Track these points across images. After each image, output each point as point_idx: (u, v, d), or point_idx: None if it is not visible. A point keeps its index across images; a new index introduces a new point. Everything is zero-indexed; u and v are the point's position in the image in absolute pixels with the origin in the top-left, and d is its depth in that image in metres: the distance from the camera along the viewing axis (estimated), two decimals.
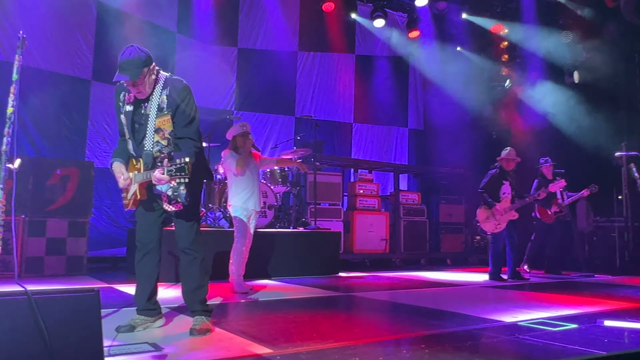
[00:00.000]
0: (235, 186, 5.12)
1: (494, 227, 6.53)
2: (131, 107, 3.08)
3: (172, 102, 3.03)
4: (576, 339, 3.05)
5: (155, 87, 3.06)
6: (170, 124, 3.03)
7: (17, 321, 1.75)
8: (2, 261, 5.76)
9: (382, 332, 3.24)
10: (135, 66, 2.92)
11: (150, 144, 3.03)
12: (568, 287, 6.01)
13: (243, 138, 5.13)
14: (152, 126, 3.02)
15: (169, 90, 3.06)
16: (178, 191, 3.04)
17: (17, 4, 7.43)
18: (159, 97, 3.04)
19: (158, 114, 3.03)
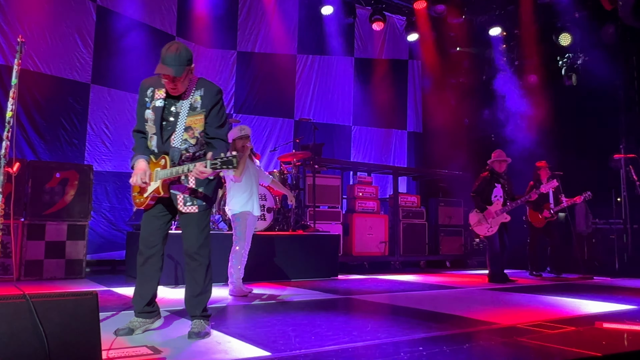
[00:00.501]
0: (234, 190, 5.11)
1: (486, 231, 6.62)
2: (162, 103, 3.08)
3: (207, 103, 3.07)
4: (575, 341, 3.06)
5: (188, 87, 3.09)
6: (202, 123, 3.07)
7: (15, 324, 1.76)
8: (2, 264, 5.77)
9: (381, 334, 3.24)
10: (180, 63, 2.94)
11: (179, 141, 3.05)
12: (567, 289, 6.02)
13: (242, 142, 5.12)
14: (182, 124, 3.04)
15: (203, 92, 3.10)
16: (196, 193, 3.10)
17: (16, 7, 7.44)
18: (192, 97, 3.08)
19: (190, 113, 3.06)
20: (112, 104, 8.40)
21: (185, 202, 3.11)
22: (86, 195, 6.50)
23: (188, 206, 3.11)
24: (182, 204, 3.12)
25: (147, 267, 3.22)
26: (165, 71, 2.92)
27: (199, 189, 3.12)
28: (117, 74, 8.33)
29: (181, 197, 3.11)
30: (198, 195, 3.12)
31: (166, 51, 2.95)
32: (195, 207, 3.12)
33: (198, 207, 3.13)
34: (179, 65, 2.93)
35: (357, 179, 9.19)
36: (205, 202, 3.15)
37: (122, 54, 8.37)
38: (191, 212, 3.13)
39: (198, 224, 3.17)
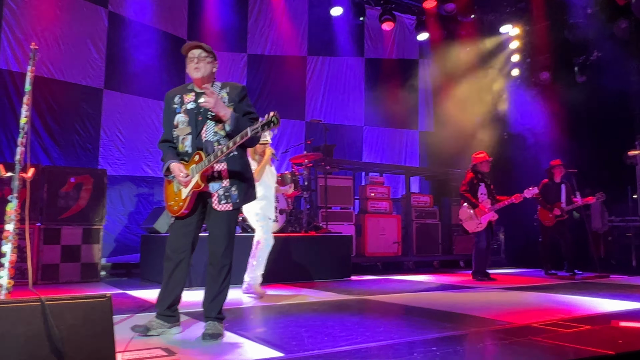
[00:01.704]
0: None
1: (475, 227, 6.81)
2: (193, 105, 3.21)
3: (233, 97, 3.21)
4: (590, 340, 3.03)
5: (213, 86, 3.23)
6: None
7: (31, 327, 1.79)
8: (18, 269, 5.85)
9: (394, 335, 3.23)
10: (205, 46, 3.20)
11: (211, 134, 3.14)
12: (582, 287, 5.95)
13: (262, 147, 5.18)
14: (212, 118, 3.14)
15: (229, 89, 3.25)
16: (230, 191, 3.13)
17: (30, 15, 7.55)
18: (219, 94, 3.19)
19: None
20: (125, 109, 8.48)
21: (219, 200, 3.15)
22: (100, 199, 6.57)
23: (223, 204, 3.15)
24: (216, 202, 3.15)
25: (176, 272, 3.21)
26: (192, 44, 3.17)
27: (232, 187, 3.15)
28: (129, 78, 8.42)
29: (216, 196, 3.15)
30: (232, 192, 3.15)
31: (187, 43, 3.22)
32: (229, 205, 3.15)
33: (233, 205, 3.16)
34: (203, 45, 3.19)
35: (369, 180, 9.17)
36: (239, 200, 3.18)
37: (133, 58, 8.46)
38: (225, 211, 3.15)
39: (228, 224, 3.20)
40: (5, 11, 7.34)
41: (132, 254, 7.91)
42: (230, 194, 3.14)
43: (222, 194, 3.14)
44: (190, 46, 3.18)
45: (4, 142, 7.30)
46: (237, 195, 3.16)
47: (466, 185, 6.89)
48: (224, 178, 3.16)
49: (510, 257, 10.00)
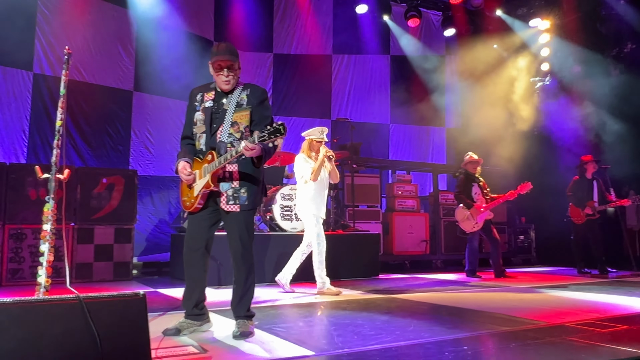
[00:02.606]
0: (307, 192, 5.21)
1: (471, 227, 6.90)
2: (211, 104, 3.25)
3: (252, 101, 3.22)
4: (627, 340, 2.95)
5: (236, 87, 3.26)
6: (247, 119, 3.18)
7: (69, 325, 1.84)
8: (54, 267, 6.00)
9: (424, 334, 3.21)
10: (233, 52, 3.19)
11: (225, 135, 3.17)
12: (618, 286, 5.80)
13: (319, 144, 5.21)
14: (229, 119, 3.18)
15: (250, 91, 3.26)
16: (239, 193, 3.16)
17: (61, 21, 7.75)
18: (239, 96, 3.23)
19: (236, 109, 3.20)
20: (154, 110, 8.63)
21: (227, 200, 3.17)
22: (131, 199, 6.69)
23: (230, 205, 3.17)
24: (224, 202, 3.18)
25: (191, 269, 3.27)
26: (223, 57, 3.13)
27: (242, 189, 3.17)
28: (158, 80, 8.56)
29: (224, 196, 3.17)
30: (241, 194, 3.17)
31: (217, 47, 3.21)
32: (237, 207, 3.16)
33: (240, 207, 3.16)
34: (234, 55, 3.17)
35: (396, 178, 9.12)
36: (247, 202, 3.18)
37: (162, 60, 8.59)
38: (233, 212, 3.17)
39: (239, 224, 3.20)
40: (38, 17, 7.55)
41: (163, 252, 8.04)
42: (239, 195, 3.16)
43: (231, 194, 3.16)
44: (221, 57, 3.14)
45: (39, 145, 7.51)
46: (246, 197, 3.16)
47: (459, 187, 7.05)
48: (235, 179, 3.17)
49: (541, 255, 9.82)
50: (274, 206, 6.60)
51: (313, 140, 5.24)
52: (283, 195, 6.70)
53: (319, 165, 5.13)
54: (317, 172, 5.13)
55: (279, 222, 6.60)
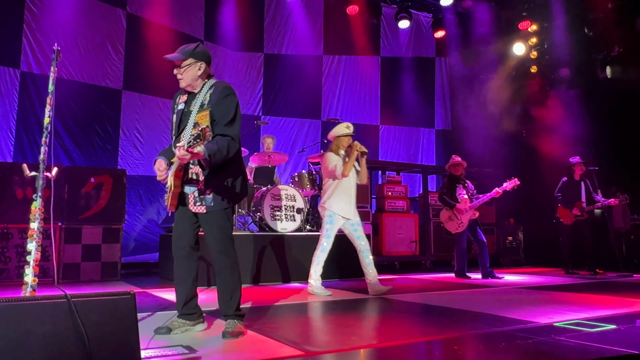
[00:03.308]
0: (335, 190, 5.08)
1: (456, 227, 6.93)
2: (182, 106, 3.22)
3: (213, 99, 3.12)
4: (615, 340, 2.97)
5: (203, 87, 3.19)
6: (207, 119, 3.08)
7: (57, 323, 1.81)
8: (41, 267, 5.94)
9: (414, 333, 3.21)
10: (183, 52, 3.13)
11: (187, 137, 3.08)
12: (605, 287, 5.86)
13: (348, 139, 5.06)
14: (192, 121, 3.12)
15: (213, 90, 3.17)
16: (204, 194, 3.09)
17: (49, 17, 7.67)
18: (204, 96, 3.16)
19: (199, 110, 3.12)
20: (144, 109, 8.58)
21: (195, 201, 3.12)
22: (120, 199, 6.64)
23: (197, 206, 3.11)
24: (192, 203, 3.13)
25: (178, 268, 3.27)
26: (172, 55, 3.11)
27: (207, 190, 3.09)
28: (147, 79, 8.51)
29: (192, 197, 3.13)
30: (206, 194, 3.10)
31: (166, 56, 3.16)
32: (203, 208, 3.10)
33: (206, 208, 3.10)
34: (181, 54, 3.11)
35: (386, 179, 9.14)
36: (214, 203, 3.10)
37: (152, 59, 8.54)
38: (201, 213, 3.12)
39: (210, 225, 3.14)
40: (26, 14, 7.47)
41: (151, 253, 7.99)
42: (205, 196, 3.09)
43: (197, 195, 3.10)
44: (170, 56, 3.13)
45: (26, 144, 7.43)
46: (211, 198, 3.09)
47: (443, 188, 7.12)
48: (200, 180, 3.10)
49: (529, 256, 9.88)
50: (264, 206, 6.58)
51: (340, 136, 5.09)
52: (273, 195, 6.69)
53: (351, 160, 4.95)
54: (350, 167, 4.93)
55: (268, 223, 6.59)
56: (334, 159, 5.04)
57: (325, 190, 5.17)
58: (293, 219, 6.77)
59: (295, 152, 9.90)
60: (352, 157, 4.96)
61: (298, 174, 7.44)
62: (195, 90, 3.19)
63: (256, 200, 6.84)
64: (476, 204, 6.88)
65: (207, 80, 3.22)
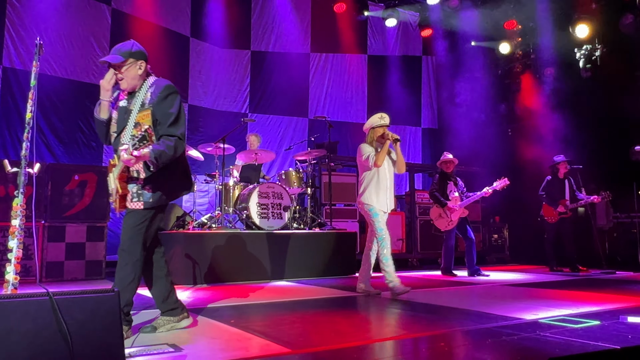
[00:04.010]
0: (371, 182, 4.88)
1: (446, 225, 6.95)
2: (125, 103, 3.10)
3: (154, 99, 3.04)
4: (599, 336, 3.00)
5: (142, 85, 3.10)
6: (149, 119, 3.00)
7: (39, 322, 1.78)
8: (23, 266, 5.85)
9: (401, 330, 3.22)
10: (119, 52, 3.03)
11: (128, 137, 2.99)
12: (589, 284, 5.93)
13: (382, 129, 4.88)
14: (132, 120, 3.01)
15: (154, 88, 3.08)
16: (142, 190, 3.01)
17: (33, 12, 7.55)
18: (144, 94, 3.06)
19: (140, 109, 3.02)
20: None
21: (132, 197, 3.02)
22: (104, 196, 6.55)
23: (134, 202, 3.01)
24: (129, 199, 3.02)
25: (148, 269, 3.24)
26: (105, 58, 3.00)
27: (146, 186, 3.01)
28: None
29: (130, 194, 3.02)
30: (145, 191, 3.01)
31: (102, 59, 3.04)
32: (141, 204, 3.01)
33: (144, 204, 3.01)
34: (117, 54, 3.01)
35: None
36: (151, 200, 3.02)
37: None
38: (135, 209, 3.01)
39: (137, 223, 3.01)
40: (8, 8, 7.34)
41: None
42: (144, 192, 3.01)
43: (135, 191, 3.01)
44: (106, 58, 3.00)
45: (8, 141, 7.31)
46: (150, 195, 3.01)
47: (434, 185, 7.10)
48: (140, 177, 3.02)
49: (514, 254, 9.97)
50: (250, 204, 6.55)
51: (375, 127, 4.91)
52: (260, 193, 6.66)
53: (383, 149, 4.77)
54: (383, 156, 4.75)
55: (255, 220, 6.56)
56: (367, 149, 4.89)
57: (361, 182, 4.98)
58: (280, 216, 6.75)
59: (282, 150, 9.88)
60: (385, 147, 4.78)
61: (285, 172, 7.42)
62: (136, 90, 3.09)
63: (243, 198, 6.80)
64: (466, 203, 6.90)
65: (147, 78, 3.13)
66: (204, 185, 8.67)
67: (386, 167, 4.89)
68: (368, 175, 4.90)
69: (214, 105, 9.77)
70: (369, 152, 4.86)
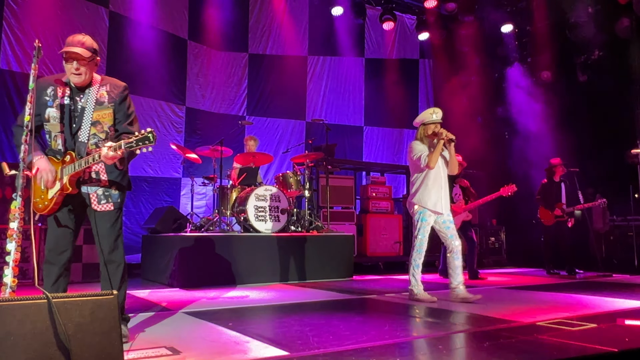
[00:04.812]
0: (423, 182, 4.62)
1: None
2: (68, 100, 2.99)
3: (113, 97, 3.02)
4: (596, 338, 3.01)
5: (91, 82, 3.03)
6: (111, 118, 2.99)
7: (38, 324, 1.77)
8: (20, 269, 5.82)
9: (399, 333, 3.22)
10: (87, 47, 2.92)
11: (86, 136, 2.93)
12: (586, 287, 5.94)
13: (434, 126, 4.60)
14: (89, 119, 2.95)
15: (109, 87, 3.04)
16: (110, 191, 3.01)
17: (30, 15, 7.54)
18: (97, 92, 3.00)
19: (97, 107, 2.97)
20: None
21: (99, 200, 3.00)
22: None
23: (103, 204, 3.00)
24: (95, 202, 2.99)
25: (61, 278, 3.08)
26: (71, 49, 2.87)
27: (112, 187, 3.02)
28: (130, 78, 8.34)
29: (94, 196, 3.00)
30: (112, 191, 3.03)
31: (72, 38, 2.93)
32: (111, 205, 3.02)
33: (114, 205, 3.03)
34: (86, 49, 2.91)
35: (371, 179, 9.16)
36: (120, 200, 3.06)
37: (135, 58, 8.45)
38: (106, 210, 3.01)
39: (113, 223, 3.04)
40: (5, 11, 7.33)
41: (133, 254, 7.89)
42: (111, 193, 3.02)
43: (102, 194, 3.00)
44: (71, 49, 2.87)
45: (5, 144, 7.29)
46: (118, 195, 3.04)
47: None
48: (102, 179, 3.00)
49: (511, 257, 9.99)
50: (248, 207, 6.55)
51: (427, 124, 4.64)
52: (257, 196, 6.66)
53: (437, 150, 4.48)
54: (435, 158, 4.47)
55: (252, 223, 6.55)
56: (418, 148, 4.62)
57: (413, 183, 4.71)
58: (277, 219, 6.75)
59: (280, 152, 9.88)
60: (439, 147, 4.50)
61: (282, 175, 7.42)
62: (80, 84, 2.98)
63: (240, 201, 6.80)
64: (470, 206, 6.84)
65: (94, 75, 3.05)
66: (202, 188, 8.66)
67: (440, 165, 4.62)
68: (420, 175, 4.64)
69: (212, 108, 9.77)
70: (420, 152, 4.59)
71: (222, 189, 6.97)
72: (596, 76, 8.90)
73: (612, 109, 8.48)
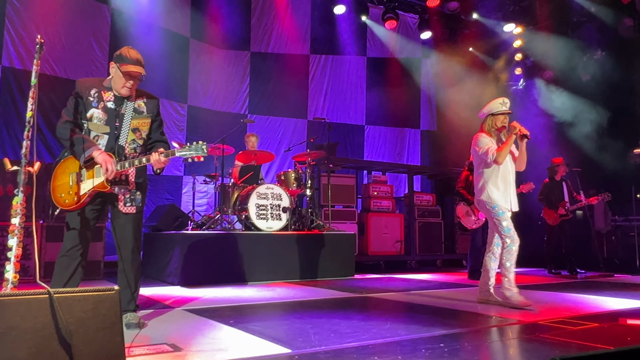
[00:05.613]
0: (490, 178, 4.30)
1: (473, 223, 6.62)
2: (113, 105, 3.25)
3: (151, 109, 3.37)
4: (598, 338, 3.01)
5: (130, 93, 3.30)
6: (148, 127, 3.34)
7: (39, 320, 1.77)
8: (22, 266, 5.83)
9: (400, 331, 3.22)
10: (143, 65, 3.27)
11: (125, 140, 3.23)
12: (588, 286, 5.93)
13: (504, 118, 4.29)
14: (127, 125, 3.24)
15: (146, 99, 3.37)
16: (134, 195, 3.28)
17: (33, 13, 7.54)
18: (136, 102, 3.31)
19: (135, 116, 3.28)
20: None
21: (125, 202, 3.27)
22: None
23: (128, 207, 3.28)
24: (122, 203, 3.27)
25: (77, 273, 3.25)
26: (139, 70, 3.20)
27: (137, 191, 3.30)
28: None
29: (122, 197, 3.26)
30: (136, 196, 3.29)
31: (128, 52, 3.23)
32: (134, 208, 3.30)
33: (136, 208, 3.31)
34: (143, 66, 3.26)
35: (372, 178, 9.15)
36: (141, 204, 3.35)
37: None
38: (131, 213, 3.29)
39: (135, 225, 3.34)
40: (8, 9, 7.34)
41: None
42: (135, 197, 3.29)
43: (128, 197, 3.27)
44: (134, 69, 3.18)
45: (7, 140, 7.30)
46: (140, 199, 3.32)
47: (462, 182, 6.78)
48: (130, 182, 3.28)
49: None
50: (249, 205, 6.55)
51: (495, 114, 4.33)
52: (259, 194, 6.65)
53: (507, 144, 4.16)
54: (505, 153, 4.15)
55: (254, 221, 6.55)
56: (485, 141, 4.29)
57: (478, 179, 4.38)
58: (279, 217, 6.74)
59: (282, 151, 9.88)
60: (509, 142, 4.17)
61: (284, 173, 7.42)
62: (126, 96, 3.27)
63: (242, 199, 6.80)
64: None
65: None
66: (203, 186, 8.66)
67: (508, 160, 4.30)
68: (487, 170, 4.30)
69: (214, 106, 9.77)
70: (487, 145, 4.26)
71: (224, 187, 6.97)
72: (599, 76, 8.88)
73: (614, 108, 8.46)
